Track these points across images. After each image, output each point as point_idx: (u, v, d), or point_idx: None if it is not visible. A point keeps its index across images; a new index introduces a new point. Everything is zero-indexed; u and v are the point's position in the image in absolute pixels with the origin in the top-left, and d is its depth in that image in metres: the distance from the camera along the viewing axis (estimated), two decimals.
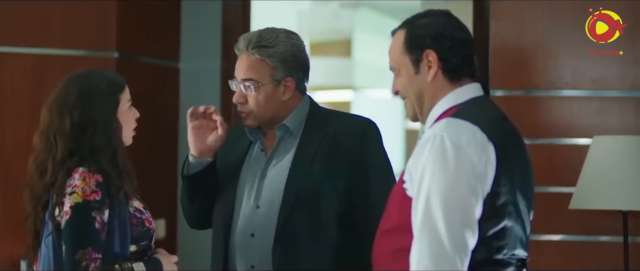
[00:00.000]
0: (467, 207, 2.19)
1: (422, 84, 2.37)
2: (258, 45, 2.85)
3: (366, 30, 10.55)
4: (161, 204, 4.82)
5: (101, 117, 2.64)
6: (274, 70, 2.85)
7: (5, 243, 4.18)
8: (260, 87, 2.85)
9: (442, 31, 2.36)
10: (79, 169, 2.60)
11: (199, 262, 4.72)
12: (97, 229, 2.54)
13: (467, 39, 2.40)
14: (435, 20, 2.39)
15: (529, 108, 4.06)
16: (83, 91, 2.66)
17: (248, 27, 5.05)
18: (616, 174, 3.62)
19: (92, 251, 2.54)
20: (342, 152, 2.82)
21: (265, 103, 2.86)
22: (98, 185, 2.57)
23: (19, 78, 4.39)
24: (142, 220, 2.68)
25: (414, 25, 2.41)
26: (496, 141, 2.24)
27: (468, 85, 2.38)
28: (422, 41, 2.36)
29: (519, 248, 2.30)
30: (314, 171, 2.82)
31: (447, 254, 2.15)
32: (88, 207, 2.55)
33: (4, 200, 4.27)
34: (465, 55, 2.37)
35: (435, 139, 2.23)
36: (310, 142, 2.86)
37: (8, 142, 4.33)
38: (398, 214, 2.29)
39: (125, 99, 2.72)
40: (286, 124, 2.89)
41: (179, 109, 5.00)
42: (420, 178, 2.22)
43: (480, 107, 2.35)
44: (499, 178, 2.23)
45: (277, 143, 2.90)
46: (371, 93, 10.83)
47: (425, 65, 2.36)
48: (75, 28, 4.42)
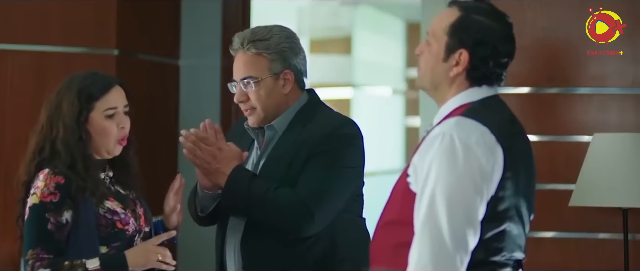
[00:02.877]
0: (471, 207, 2.18)
1: (443, 73, 2.34)
2: (253, 40, 2.85)
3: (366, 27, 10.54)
4: (161, 202, 4.81)
5: (63, 124, 2.65)
6: (272, 63, 2.85)
7: (6, 242, 4.18)
8: (260, 81, 2.85)
9: (487, 40, 2.31)
10: (45, 170, 2.63)
11: (198, 262, 4.72)
12: (49, 230, 2.57)
13: (508, 56, 2.35)
14: (489, 23, 2.33)
15: (529, 106, 4.05)
16: (57, 94, 2.69)
17: (248, 24, 5.05)
18: (616, 171, 3.62)
19: (41, 251, 2.57)
20: (306, 148, 2.81)
21: (266, 97, 2.86)
22: (57, 187, 2.59)
23: (19, 76, 4.38)
24: (113, 221, 2.66)
25: (469, 17, 2.33)
26: (505, 144, 2.23)
27: (484, 87, 2.35)
28: (465, 38, 2.31)
29: (517, 251, 2.30)
30: (278, 167, 2.82)
31: (447, 252, 2.15)
32: (43, 208, 2.58)
33: (4, 199, 4.27)
34: (495, 70, 2.34)
35: (444, 137, 2.22)
36: (284, 142, 2.86)
37: (8, 140, 4.33)
38: (400, 208, 2.29)
39: (102, 106, 2.68)
40: (274, 125, 2.89)
41: (179, 107, 5.00)
42: (426, 175, 2.22)
43: (492, 107, 2.33)
44: (504, 181, 2.23)
45: (266, 143, 2.90)
46: (371, 90, 10.82)
47: (454, 60, 2.32)
48: (75, 25, 4.42)
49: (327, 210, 2.78)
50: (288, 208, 2.75)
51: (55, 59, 4.37)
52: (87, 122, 2.66)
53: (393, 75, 10.99)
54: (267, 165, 2.85)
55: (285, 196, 2.75)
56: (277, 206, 2.75)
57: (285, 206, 2.75)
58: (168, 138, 4.93)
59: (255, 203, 2.76)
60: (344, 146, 2.83)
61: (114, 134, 2.69)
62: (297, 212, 2.75)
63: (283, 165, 2.81)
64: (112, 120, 2.69)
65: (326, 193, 2.78)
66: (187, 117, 4.99)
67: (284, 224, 2.77)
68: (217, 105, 4.99)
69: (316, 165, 2.78)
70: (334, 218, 2.81)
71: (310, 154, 2.79)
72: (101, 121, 2.68)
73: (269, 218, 2.77)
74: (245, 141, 2.97)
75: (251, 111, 2.89)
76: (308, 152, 2.79)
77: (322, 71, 10.28)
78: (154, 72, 4.84)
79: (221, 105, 4.98)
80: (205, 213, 2.94)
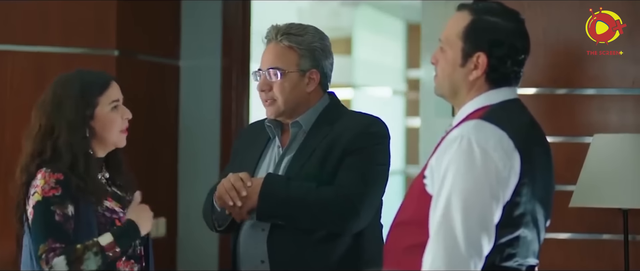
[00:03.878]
0: (487, 212, 2.17)
1: (462, 78, 2.33)
2: (287, 33, 2.89)
3: (366, 28, 10.53)
4: (161, 202, 4.81)
5: (67, 122, 2.66)
6: (301, 59, 2.88)
7: (6, 242, 4.18)
8: (286, 74, 2.88)
9: (503, 39, 2.29)
10: (42, 170, 2.64)
11: (198, 261, 4.72)
12: (57, 221, 2.57)
13: (525, 52, 2.33)
14: (503, 23, 2.31)
15: (530, 107, 4.03)
16: (56, 94, 2.70)
17: (248, 24, 5.05)
18: (617, 172, 3.61)
19: (52, 242, 2.56)
20: (340, 144, 2.84)
21: (289, 91, 2.88)
22: (58, 182, 2.60)
23: (19, 77, 4.38)
24: (113, 220, 2.68)
25: (482, 19, 2.31)
26: (522, 149, 2.23)
27: (504, 88, 2.34)
28: (480, 41, 2.29)
29: (531, 257, 2.30)
30: (310, 164, 2.83)
31: (461, 256, 2.15)
32: (48, 202, 2.59)
33: (4, 199, 4.25)
34: (513, 69, 2.32)
35: (462, 140, 2.21)
36: (314, 138, 2.88)
37: (8, 141, 4.32)
38: (416, 208, 2.29)
39: (106, 101, 2.71)
40: (299, 121, 2.90)
41: (179, 107, 5.00)
42: (442, 178, 2.21)
43: (511, 111, 2.32)
44: (521, 187, 2.22)
45: (291, 140, 2.92)
46: (371, 91, 10.81)
47: (472, 64, 2.31)
48: (75, 26, 4.41)
49: (369, 205, 2.82)
50: (334, 206, 2.78)
51: (55, 59, 4.36)
52: (92, 118, 2.69)
53: (393, 76, 10.98)
54: (296, 160, 2.86)
55: (329, 193, 2.78)
56: (323, 204, 2.77)
57: (330, 203, 2.78)
58: (168, 139, 4.93)
59: (297, 204, 2.78)
60: (376, 144, 2.87)
61: (119, 125, 2.74)
62: (343, 208, 2.78)
63: (315, 161, 2.83)
64: (117, 112, 2.73)
65: (367, 189, 2.82)
66: (187, 118, 4.99)
67: (331, 222, 2.80)
68: (217, 105, 4.99)
69: (354, 162, 2.81)
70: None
71: (345, 151, 2.82)
72: (108, 114, 2.71)
73: (315, 218, 2.79)
74: (259, 141, 2.99)
75: (271, 101, 2.90)
76: (343, 148, 2.82)
77: None
78: (154, 72, 4.83)
79: (221, 105, 4.98)
80: (224, 227, 2.95)
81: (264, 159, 2.95)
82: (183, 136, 5.00)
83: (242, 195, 2.79)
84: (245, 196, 2.79)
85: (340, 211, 2.78)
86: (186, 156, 4.97)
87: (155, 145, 4.76)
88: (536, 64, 4.05)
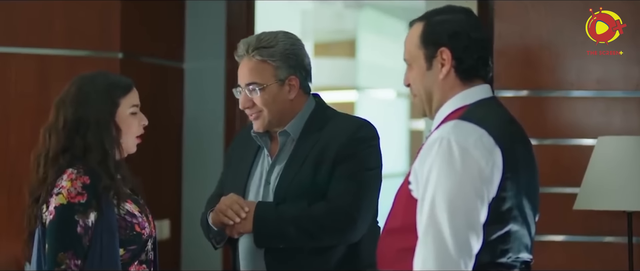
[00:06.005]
0: (473, 211, 2.18)
1: (432, 81, 2.35)
2: (258, 47, 2.85)
3: (370, 30, 10.54)
4: (165, 204, 4.82)
5: (95, 117, 2.66)
6: (277, 70, 2.85)
7: (10, 244, 4.18)
8: (265, 88, 2.85)
9: (459, 30, 2.33)
10: (69, 170, 2.62)
11: (202, 262, 4.72)
12: (78, 234, 2.56)
13: (485, 40, 2.37)
14: (454, 17, 2.36)
15: (534, 109, 4.05)
16: (81, 90, 2.68)
17: (252, 26, 5.05)
18: (620, 174, 3.61)
19: (73, 256, 2.56)
20: (330, 152, 2.82)
21: (272, 102, 2.86)
22: (84, 187, 2.59)
23: (23, 79, 4.38)
24: (132, 224, 2.67)
25: (433, 20, 2.37)
26: (503, 145, 2.23)
27: (478, 86, 2.36)
28: (439, 38, 2.33)
29: (524, 251, 2.29)
30: (302, 173, 2.82)
31: (451, 257, 2.15)
32: (71, 210, 2.57)
33: (8, 201, 4.27)
34: (480, 56, 2.34)
35: (442, 142, 2.22)
36: (304, 146, 2.86)
37: (12, 143, 4.33)
38: (403, 215, 2.29)
39: (127, 103, 2.72)
40: (287, 130, 2.89)
41: (183, 109, 5.00)
42: (426, 181, 2.22)
43: (488, 109, 2.33)
44: (505, 182, 2.22)
45: (280, 149, 2.90)
46: (375, 93, 10.83)
47: (439, 63, 2.33)
48: (78, 28, 4.42)
49: (366, 213, 2.82)
50: (329, 219, 2.77)
51: (58, 62, 4.37)
52: (115, 117, 2.69)
53: (397, 78, 10.97)
54: (288, 170, 2.85)
55: (321, 208, 2.78)
56: (317, 220, 2.77)
57: (325, 217, 2.77)
58: (172, 142, 4.93)
59: (292, 225, 2.77)
60: (366, 148, 2.85)
61: (136, 130, 2.74)
62: (339, 220, 2.78)
63: (307, 170, 2.82)
64: (135, 118, 2.74)
65: (362, 196, 2.81)
66: (192, 120, 5.00)
67: (329, 236, 2.80)
68: (221, 108, 4.99)
69: (345, 170, 2.80)
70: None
71: (335, 160, 2.80)
72: (127, 118, 2.71)
73: (312, 235, 2.78)
74: (249, 150, 2.97)
75: (257, 115, 2.88)
76: (333, 157, 2.81)
77: (326, 74, 10.28)
78: (158, 74, 4.84)
79: (225, 108, 4.98)
80: (221, 244, 2.96)
81: (255, 170, 2.93)
82: (187, 138, 5.00)
83: (236, 221, 2.80)
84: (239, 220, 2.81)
85: (336, 225, 2.78)
86: (190, 158, 4.98)
87: (159, 148, 4.76)
88: (539, 66, 4.04)
